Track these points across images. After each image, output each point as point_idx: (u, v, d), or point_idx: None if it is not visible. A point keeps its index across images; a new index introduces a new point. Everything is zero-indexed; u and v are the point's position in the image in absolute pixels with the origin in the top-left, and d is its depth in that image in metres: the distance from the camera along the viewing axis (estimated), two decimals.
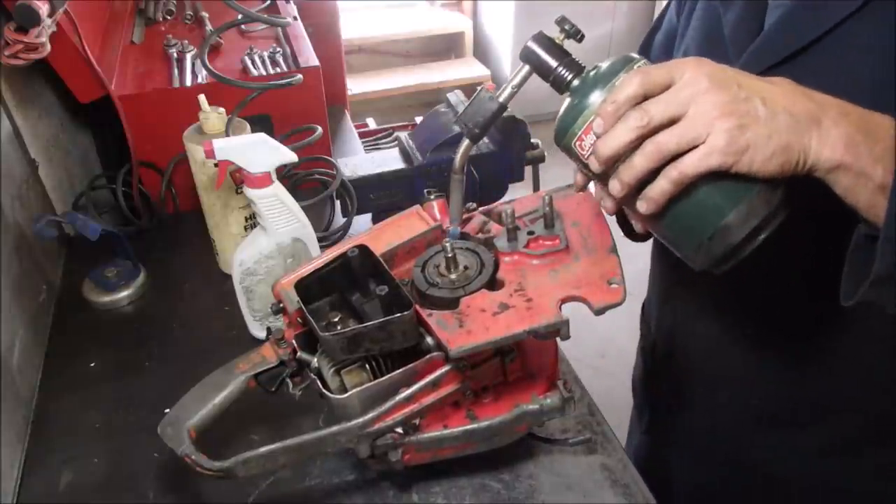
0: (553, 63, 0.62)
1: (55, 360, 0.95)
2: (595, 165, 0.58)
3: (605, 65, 0.61)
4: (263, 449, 0.64)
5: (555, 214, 0.72)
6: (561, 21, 0.63)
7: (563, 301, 0.64)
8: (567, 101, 0.62)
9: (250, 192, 0.86)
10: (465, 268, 0.70)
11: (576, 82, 0.62)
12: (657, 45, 0.95)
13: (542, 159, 1.26)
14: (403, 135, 1.21)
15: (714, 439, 0.92)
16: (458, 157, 0.70)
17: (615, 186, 0.58)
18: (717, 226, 0.56)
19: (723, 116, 0.53)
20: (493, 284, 0.69)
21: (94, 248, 1.02)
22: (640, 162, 0.55)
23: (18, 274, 0.93)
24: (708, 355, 0.88)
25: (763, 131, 0.53)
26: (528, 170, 1.26)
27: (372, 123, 1.86)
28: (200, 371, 0.73)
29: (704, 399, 0.91)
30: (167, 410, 0.70)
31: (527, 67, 0.64)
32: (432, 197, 0.79)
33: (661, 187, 0.56)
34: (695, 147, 0.54)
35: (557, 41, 0.63)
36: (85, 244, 1.01)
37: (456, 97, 1.19)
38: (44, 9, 0.89)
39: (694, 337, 0.89)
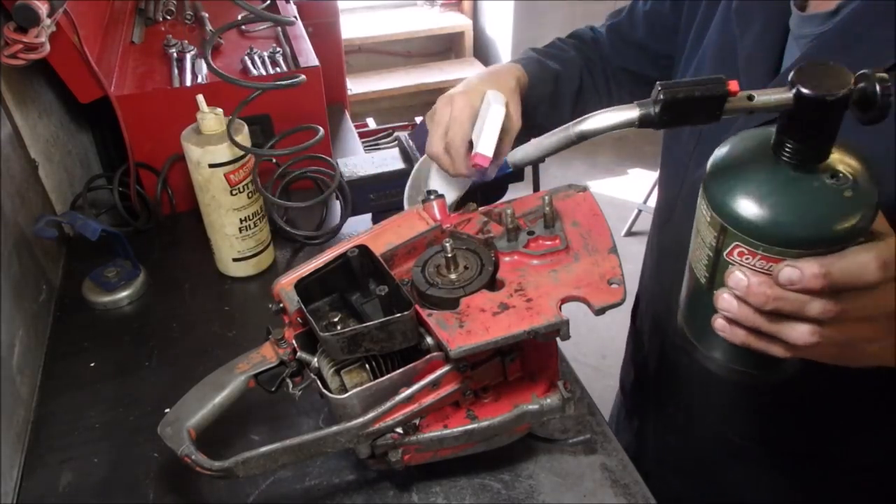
0: (817, 139, 0.48)
1: (55, 360, 0.95)
2: (737, 290, 0.50)
3: (856, 198, 0.47)
4: (263, 449, 0.64)
5: (555, 214, 0.72)
6: (876, 76, 0.46)
7: (563, 301, 0.64)
8: (769, 172, 0.49)
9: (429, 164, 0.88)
10: (465, 268, 0.70)
11: (809, 185, 0.47)
12: (639, 14, 0.93)
13: (541, 159, 1.26)
14: (403, 135, 1.20)
15: (694, 462, 0.92)
16: (599, 125, 0.55)
17: (742, 316, 0.51)
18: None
19: (886, 343, 0.51)
20: (493, 284, 0.69)
21: (94, 248, 1.02)
22: (790, 335, 0.49)
23: (18, 274, 0.93)
24: (692, 384, 0.88)
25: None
26: (528, 170, 1.26)
27: (372, 123, 1.86)
28: (200, 371, 0.73)
29: (686, 425, 0.91)
30: (167, 410, 0.70)
31: (788, 97, 0.47)
32: (432, 197, 0.79)
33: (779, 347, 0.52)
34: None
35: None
36: (85, 244, 1.01)
37: None
38: (43, 9, 0.89)
39: (681, 365, 0.89)
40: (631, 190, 3.34)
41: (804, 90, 0.46)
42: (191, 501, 0.76)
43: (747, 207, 0.49)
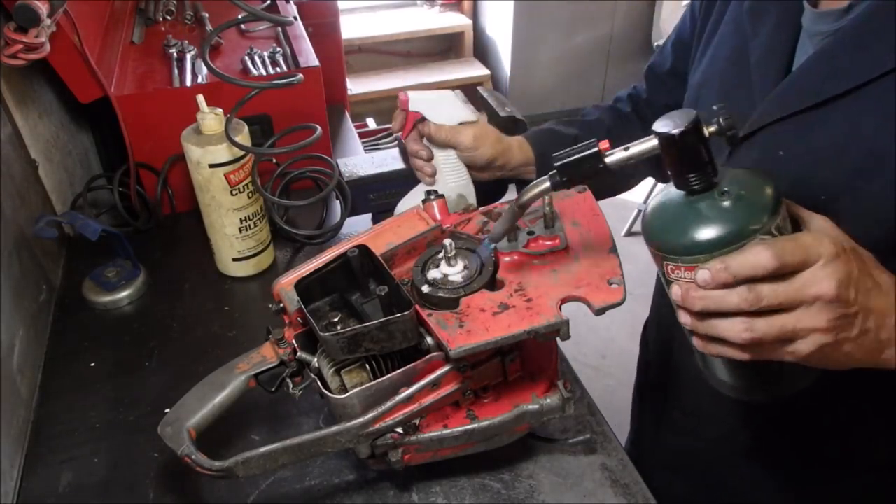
0: (690, 167, 0.56)
1: (55, 360, 0.95)
2: (676, 300, 0.57)
3: (739, 207, 0.55)
4: (263, 449, 0.64)
5: (555, 214, 0.72)
6: (721, 111, 0.56)
7: (563, 301, 0.64)
8: (676, 203, 0.58)
9: (434, 148, 0.93)
10: (465, 268, 0.70)
11: (702, 204, 0.56)
12: (668, 47, 0.95)
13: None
14: None
15: (701, 462, 0.92)
16: (527, 196, 0.63)
17: (690, 324, 0.58)
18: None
19: (824, 332, 0.54)
20: (493, 284, 0.69)
21: (94, 248, 1.02)
22: (727, 331, 0.55)
23: (18, 274, 0.93)
24: (700, 385, 0.88)
25: (848, 349, 0.55)
26: None
27: (372, 123, 1.86)
28: (200, 371, 0.73)
29: (694, 425, 0.91)
30: (167, 410, 0.70)
31: (654, 143, 0.56)
32: (432, 197, 0.79)
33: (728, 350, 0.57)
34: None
35: (707, 132, 0.55)
36: (85, 244, 1.01)
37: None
38: (44, 9, 0.89)
39: (688, 367, 0.88)
40: (631, 190, 3.33)
41: (658, 130, 0.55)
42: (191, 501, 0.76)
43: (658, 229, 0.58)
